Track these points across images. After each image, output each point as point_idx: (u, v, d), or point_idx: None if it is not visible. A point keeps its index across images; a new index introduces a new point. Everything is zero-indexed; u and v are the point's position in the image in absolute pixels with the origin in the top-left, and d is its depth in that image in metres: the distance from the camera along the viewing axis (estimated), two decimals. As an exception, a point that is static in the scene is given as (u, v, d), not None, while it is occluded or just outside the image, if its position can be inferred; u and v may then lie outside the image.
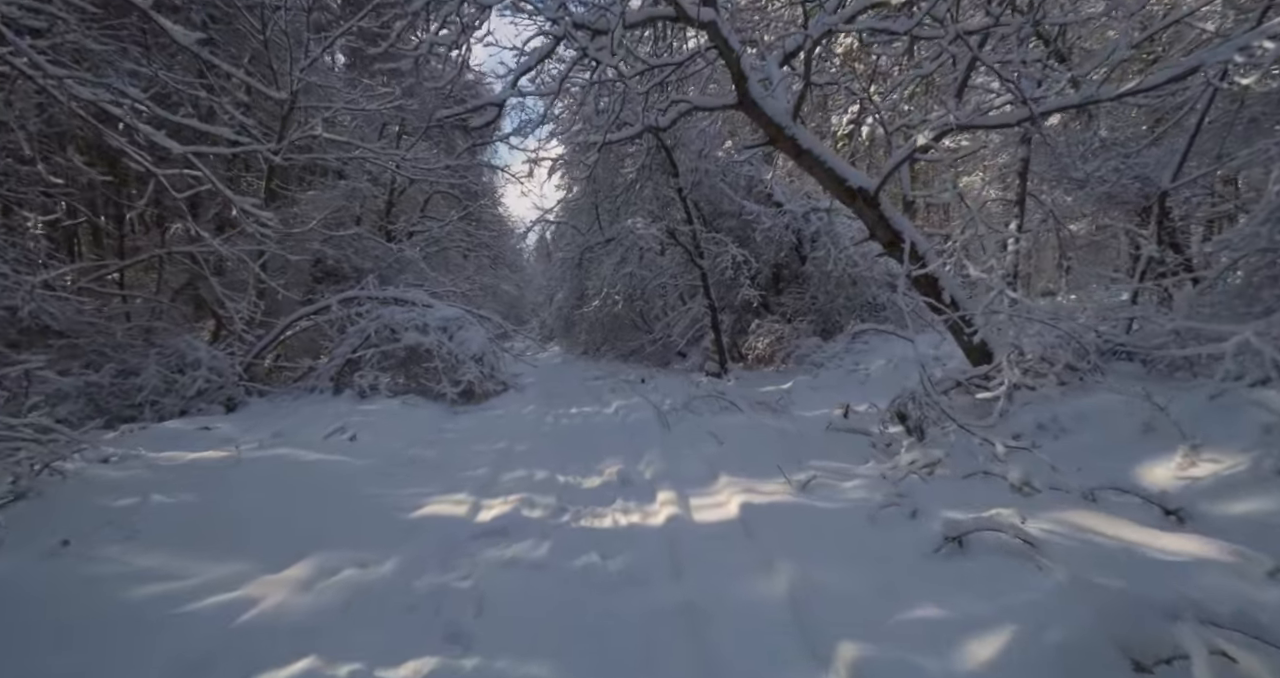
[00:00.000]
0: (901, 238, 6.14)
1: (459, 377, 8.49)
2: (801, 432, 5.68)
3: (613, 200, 10.65)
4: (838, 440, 5.36)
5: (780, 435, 5.51)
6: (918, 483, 3.39)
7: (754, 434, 5.53)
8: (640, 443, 5.56)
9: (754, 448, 4.87)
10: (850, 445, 5.06)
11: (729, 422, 6.16)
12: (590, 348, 15.76)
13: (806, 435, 5.47)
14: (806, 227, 11.10)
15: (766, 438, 5.34)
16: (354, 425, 6.11)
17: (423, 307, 9.01)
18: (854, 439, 5.43)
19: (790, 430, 5.80)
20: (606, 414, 7.41)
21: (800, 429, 5.92)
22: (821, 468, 4.03)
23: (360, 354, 8.11)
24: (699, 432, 5.67)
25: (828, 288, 10.85)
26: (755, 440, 5.19)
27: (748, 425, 5.95)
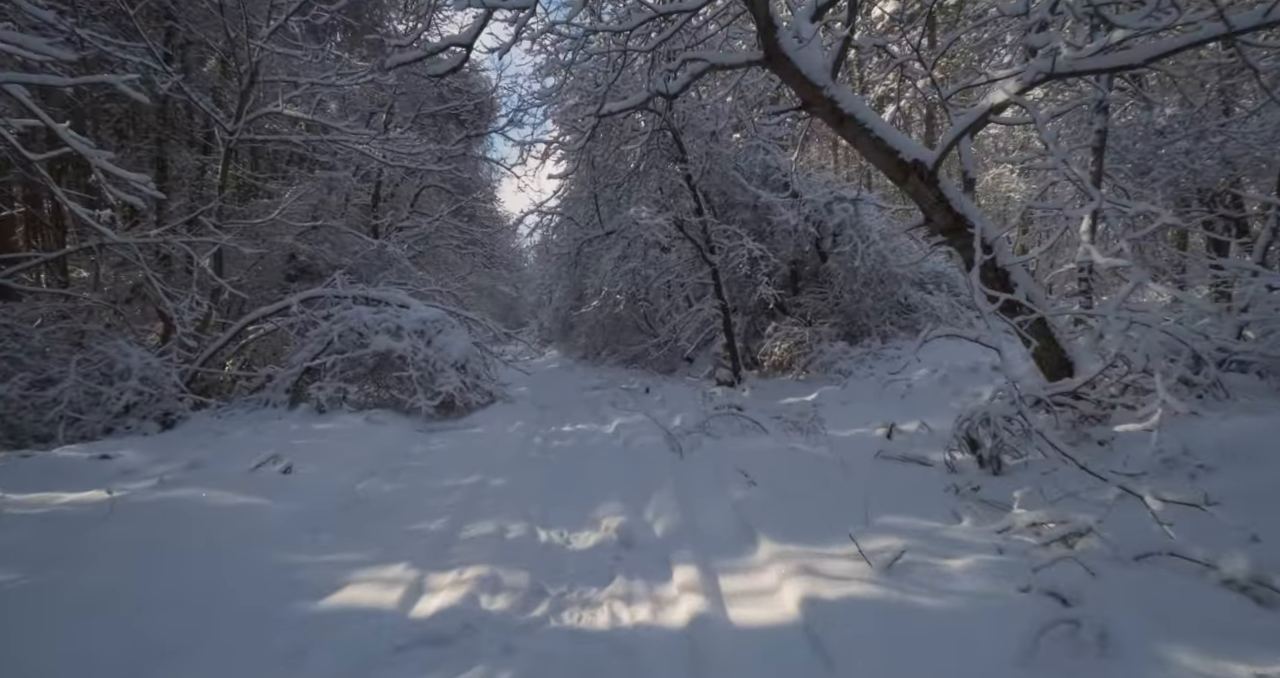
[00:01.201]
0: (966, 222, 5.04)
1: (437, 387, 7.39)
2: (845, 460, 4.56)
3: (613, 189, 9.56)
4: (897, 475, 4.24)
5: (821, 467, 4.39)
6: (1064, 564, 2.27)
7: (789, 466, 4.41)
8: (647, 477, 4.44)
9: (796, 489, 3.75)
10: (918, 484, 3.94)
11: (754, 447, 5.04)
12: (590, 352, 14.64)
13: (853, 466, 4.35)
14: (829, 219, 9.98)
15: (806, 472, 4.22)
16: (298, 451, 5.00)
17: (397, 307, 7.91)
18: (917, 473, 4.31)
19: (831, 459, 4.68)
20: (605, 434, 6.29)
21: (842, 457, 4.80)
22: (901, 528, 2.91)
23: (321, 362, 7.02)
24: (719, 462, 4.55)
25: (853, 287, 9.72)
26: (793, 476, 4.07)
27: (778, 453, 4.83)
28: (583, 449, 5.66)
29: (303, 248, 10.88)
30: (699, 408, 7.13)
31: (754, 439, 5.43)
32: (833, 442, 5.49)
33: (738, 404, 7.35)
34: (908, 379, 7.21)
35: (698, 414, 6.58)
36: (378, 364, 7.50)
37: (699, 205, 9.41)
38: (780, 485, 3.81)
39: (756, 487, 3.75)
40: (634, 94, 5.82)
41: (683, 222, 9.20)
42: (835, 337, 10.05)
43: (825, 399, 7.97)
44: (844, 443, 5.56)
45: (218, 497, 3.71)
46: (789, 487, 3.79)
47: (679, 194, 9.70)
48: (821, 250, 10.93)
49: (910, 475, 4.22)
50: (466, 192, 16.12)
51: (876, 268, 9.46)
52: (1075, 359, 5.10)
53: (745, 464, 4.38)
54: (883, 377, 8.10)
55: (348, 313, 7.34)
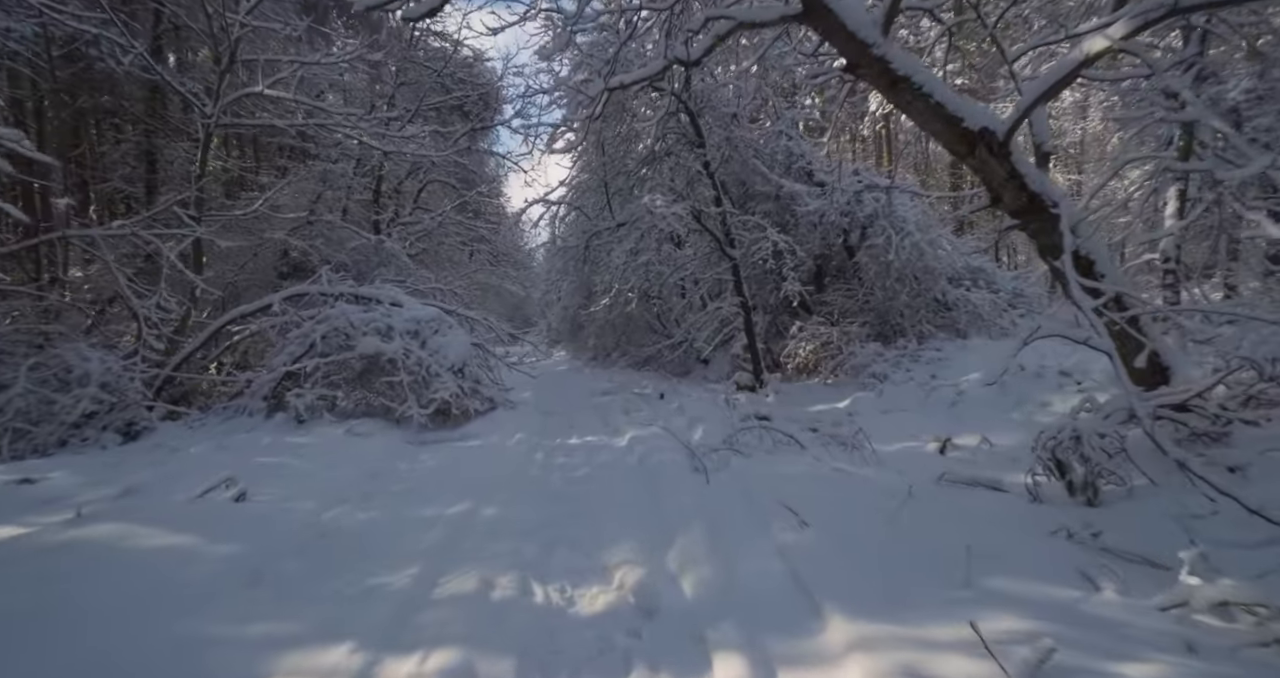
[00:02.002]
0: (1044, 202, 4.26)
1: (431, 393, 6.67)
2: (903, 486, 3.79)
3: (625, 178, 8.82)
4: (976, 508, 3.47)
5: (878, 495, 3.63)
6: None
7: (839, 495, 3.64)
8: (668, 507, 3.69)
9: (856, 530, 2.99)
10: (1008, 521, 3.16)
11: (792, 468, 4.28)
12: (600, 353, 13.91)
13: (918, 495, 3.58)
14: (859, 209, 9.18)
15: (862, 503, 3.46)
16: (261, 471, 4.31)
17: (389, 306, 7.22)
18: (998, 506, 3.53)
19: (888, 484, 3.91)
20: (617, 449, 5.54)
21: (898, 480, 4.03)
22: (1020, 597, 2.15)
23: (302, 366, 6.33)
24: (753, 488, 3.80)
25: (886, 283, 8.92)
26: (848, 510, 3.31)
27: (822, 477, 4.06)
28: (591, 467, 4.92)
29: (295, 244, 10.23)
30: (722, 417, 6.38)
31: (790, 458, 4.66)
32: (883, 460, 4.72)
33: (764, 413, 6.60)
34: (956, 385, 6.40)
35: (721, 425, 5.82)
36: (365, 368, 6.80)
37: (718, 194, 8.64)
38: (835, 524, 3.04)
39: (808, 527, 2.98)
40: (650, 62, 5.06)
41: (700, 212, 8.44)
42: (866, 337, 9.25)
43: (860, 407, 7.19)
44: (892, 460, 4.79)
45: (142, 536, 3.01)
46: (847, 526, 3.03)
47: (695, 183, 8.95)
48: (848, 244, 10.14)
49: (992, 508, 3.44)
50: (471, 186, 15.46)
51: (912, 262, 8.65)
52: (1171, 364, 4.30)
53: (785, 492, 3.61)
54: (924, 382, 7.31)
55: (331, 312, 6.65)
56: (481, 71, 17.03)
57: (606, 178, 8.68)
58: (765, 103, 9.12)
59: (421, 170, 14.96)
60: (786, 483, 3.87)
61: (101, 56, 7.97)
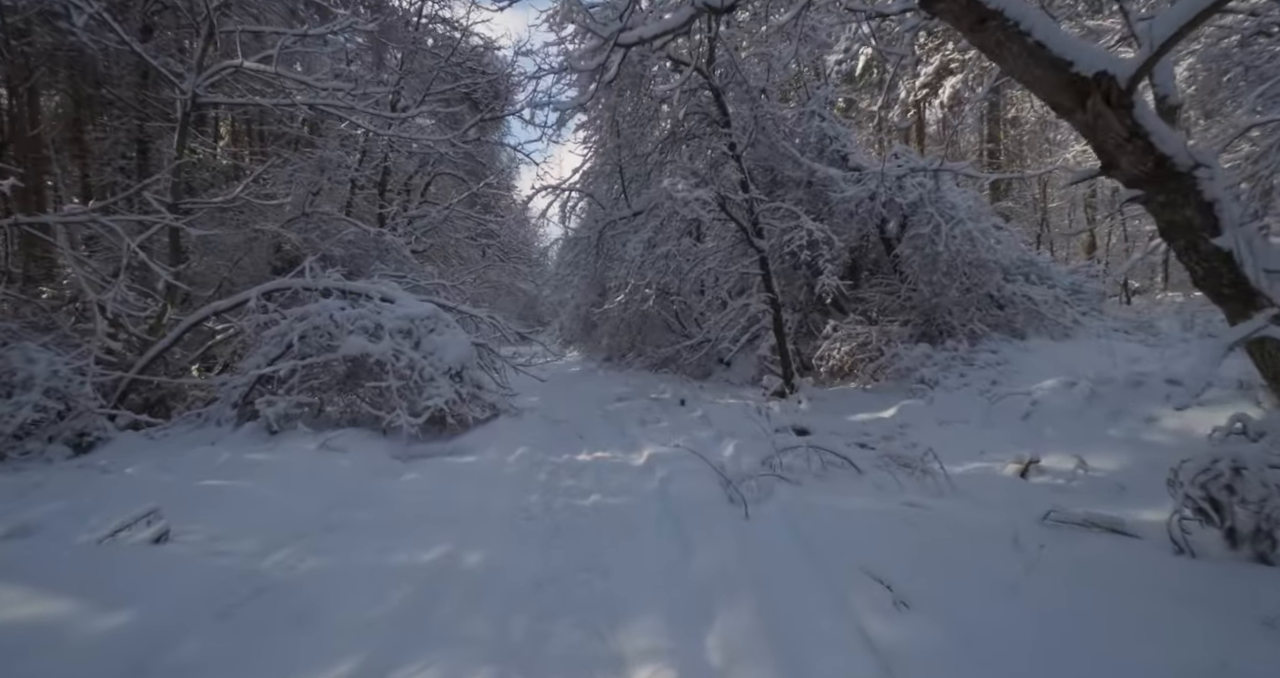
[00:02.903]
0: (1176, 166, 3.36)
1: (424, 400, 5.91)
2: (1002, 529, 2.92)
3: (641, 162, 8.01)
4: (1109, 565, 2.60)
5: (979, 546, 2.77)
6: None
7: (929, 546, 2.79)
8: (703, 564, 2.85)
9: (972, 612, 2.14)
10: (1174, 593, 2.29)
11: (855, 503, 3.42)
12: (614, 354, 13.10)
13: (1025, 545, 2.72)
14: (901, 196, 8.27)
15: (963, 561, 2.60)
16: (201, 499, 3.57)
17: (379, 301, 6.46)
18: (1144, 562, 2.66)
19: (980, 526, 3.05)
20: (634, 469, 4.72)
21: (991, 520, 3.16)
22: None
23: (276, 369, 5.58)
24: (812, 531, 2.96)
25: (932, 277, 7.99)
26: (952, 574, 2.46)
27: (896, 516, 3.21)
28: (603, 494, 4.09)
29: (289, 236, 9.55)
30: (754, 429, 5.53)
31: (846, 485, 3.81)
32: (957, 487, 3.85)
33: (802, 424, 5.75)
34: (1028, 393, 5.49)
35: (755, 440, 4.98)
36: (350, 372, 6.05)
37: (745, 180, 7.78)
38: (939, 600, 2.19)
39: (908, 609, 2.13)
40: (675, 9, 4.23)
41: (725, 199, 7.59)
42: (909, 337, 8.34)
43: (911, 417, 6.31)
44: (967, 486, 3.91)
45: (3, 603, 2.26)
46: (956, 603, 2.18)
47: (720, 166, 8.10)
48: (886, 236, 9.23)
49: (1134, 568, 2.57)
50: (479, 177, 14.75)
51: (963, 253, 7.72)
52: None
53: (852, 538, 2.77)
54: (984, 388, 6.40)
55: (311, 308, 5.90)
56: (492, 61, 16.36)
57: (621, 162, 7.87)
58: (799, 75, 8.24)
59: (430, 163, 14.35)
60: (851, 524, 3.03)
61: (71, 28, 7.31)
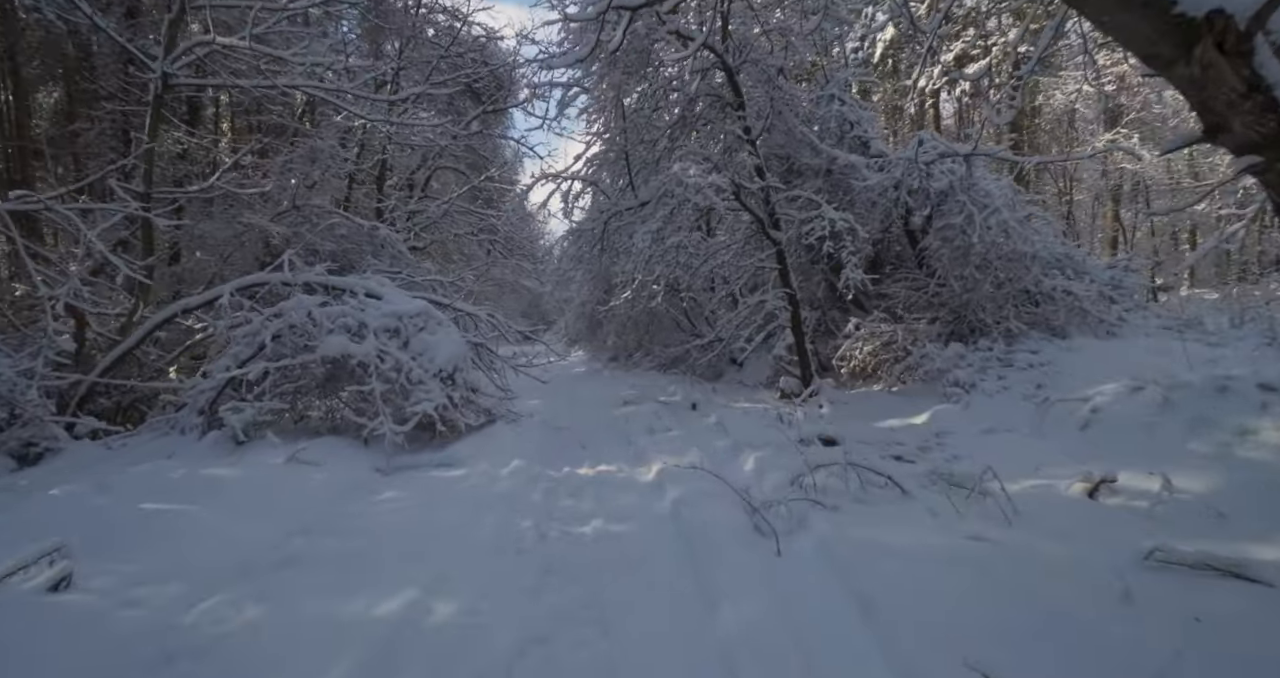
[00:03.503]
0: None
1: (411, 406, 5.37)
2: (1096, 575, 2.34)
3: (649, 149, 7.44)
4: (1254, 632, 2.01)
5: (1073, 598, 2.19)
6: None
7: (1012, 602, 2.21)
8: (730, 623, 2.27)
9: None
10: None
11: (908, 538, 2.84)
12: (620, 354, 12.55)
13: (1137, 600, 2.14)
14: (929, 183, 7.66)
15: (1066, 629, 2.02)
16: (134, 528, 3.04)
17: (363, 297, 5.93)
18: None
19: (1067, 567, 2.47)
20: (642, 487, 4.16)
21: (1077, 558, 2.59)
22: None
23: (246, 372, 5.05)
24: (862, 579, 2.39)
25: (964, 271, 7.37)
26: (1058, 646, 1.88)
27: (963, 557, 2.63)
28: (605, 519, 3.53)
29: (277, 230, 9.04)
30: (776, 439, 4.96)
31: (893, 511, 3.23)
32: (1022, 513, 3.26)
33: (828, 433, 5.17)
34: (1085, 399, 4.88)
35: (779, 452, 4.40)
36: (330, 375, 5.52)
37: (760, 168, 7.20)
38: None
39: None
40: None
41: (740, 188, 7.02)
42: (937, 336, 7.74)
43: (947, 423, 5.72)
44: (1030, 511, 3.32)
45: None
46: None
47: (733, 153, 7.52)
48: (910, 228, 8.63)
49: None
50: (479, 170, 14.22)
51: (998, 245, 7.11)
52: None
53: (917, 590, 2.20)
54: (1028, 393, 5.80)
55: (286, 305, 5.36)
56: (495, 53, 15.85)
57: (627, 148, 7.31)
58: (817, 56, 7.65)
59: (430, 157, 13.90)
60: (911, 568, 2.45)
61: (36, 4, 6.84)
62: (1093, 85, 10.60)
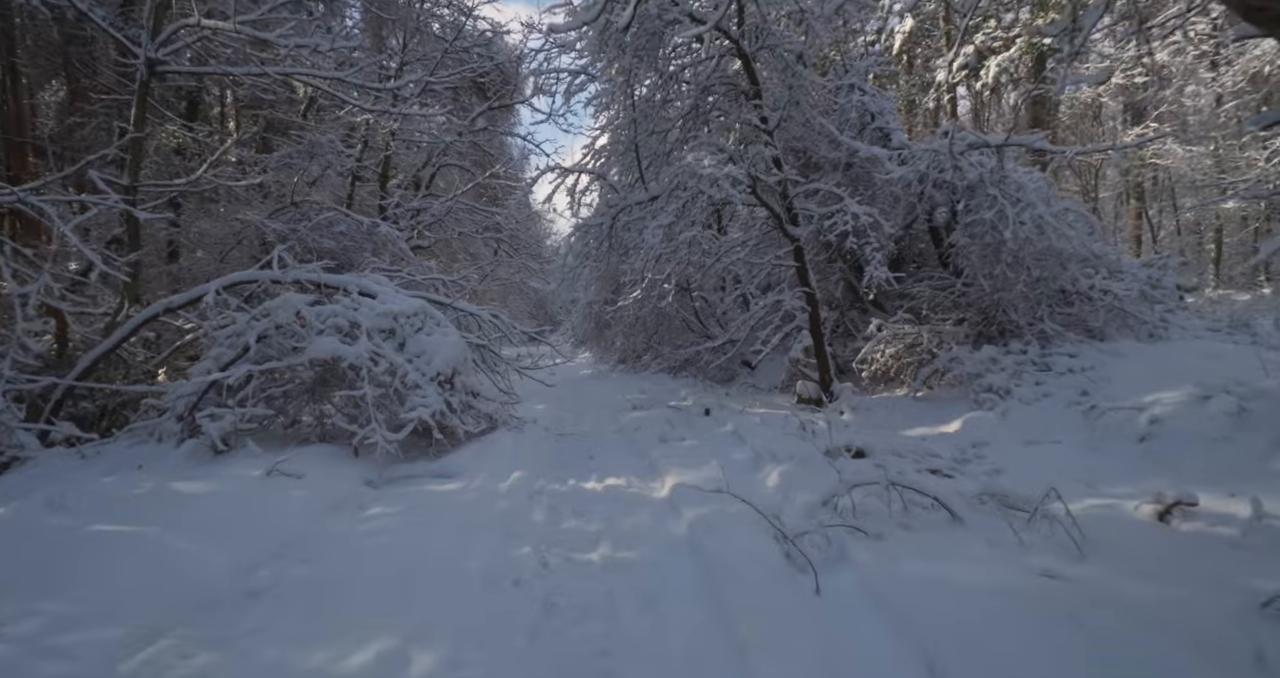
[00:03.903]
0: None
1: (407, 412, 5.00)
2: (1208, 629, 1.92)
3: (660, 140, 7.06)
4: None
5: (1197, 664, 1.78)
6: None
7: (1108, 658, 1.80)
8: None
9: None
10: None
11: (969, 575, 2.43)
12: (629, 356, 12.17)
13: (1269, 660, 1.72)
14: (956, 178, 7.23)
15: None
16: (79, 554, 2.68)
17: (356, 296, 5.58)
18: None
19: (1171, 617, 2.06)
20: (655, 505, 3.76)
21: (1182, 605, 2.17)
22: None
23: (228, 376, 4.69)
24: (923, 631, 1.99)
25: (994, 269, 6.93)
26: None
27: (1032, 598, 2.22)
28: (614, 544, 3.14)
29: (274, 226, 8.73)
30: (798, 449, 4.56)
31: (944, 540, 2.82)
32: (1087, 539, 2.84)
33: (856, 443, 4.77)
34: (1141, 408, 4.45)
35: (805, 467, 4.00)
36: (319, 378, 5.17)
37: (778, 159, 6.80)
38: None
39: None
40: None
41: (756, 181, 6.61)
42: (964, 338, 7.30)
43: (983, 433, 5.30)
44: (1103, 538, 2.90)
45: None
46: None
47: (748, 144, 7.13)
48: (933, 224, 8.21)
49: None
50: (484, 167, 13.90)
51: (1031, 241, 6.67)
52: None
53: (991, 647, 1.79)
54: (1071, 400, 5.37)
55: (272, 304, 5.01)
56: (501, 49, 15.57)
57: (637, 139, 6.92)
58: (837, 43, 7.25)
59: (435, 154, 13.64)
60: (980, 616, 2.05)
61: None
62: (1145, 65, 10.05)
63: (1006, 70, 13.14)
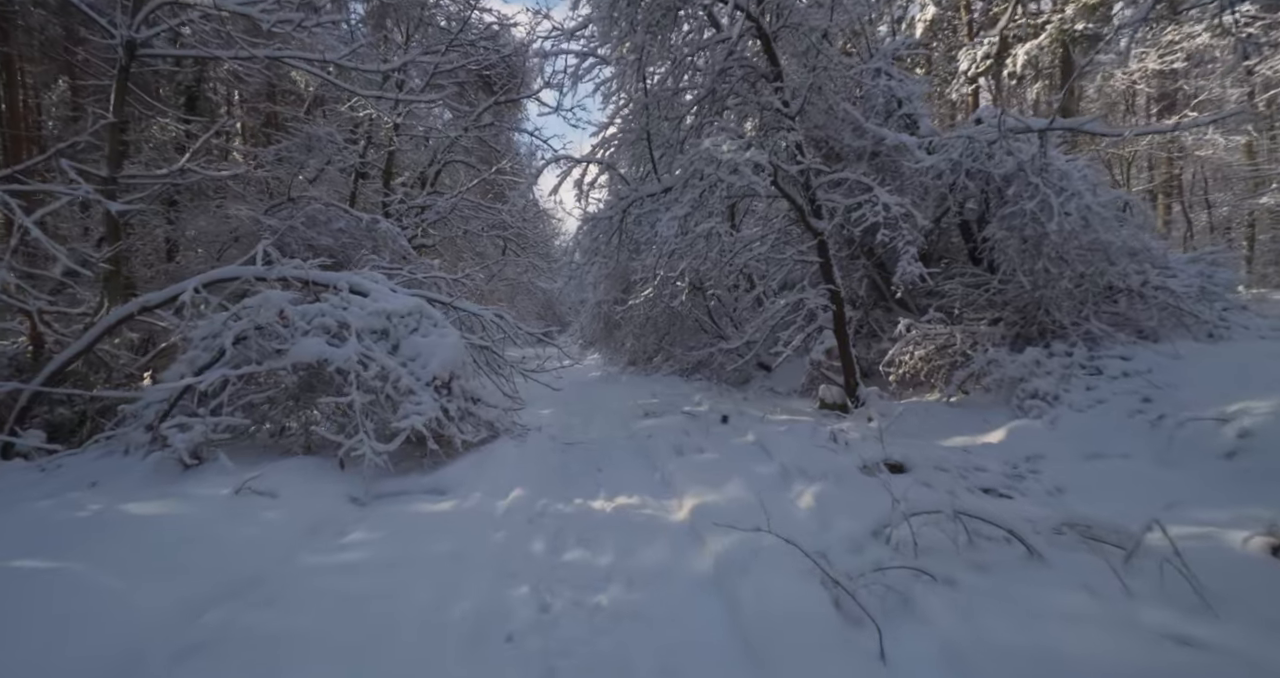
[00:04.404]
0: None
1: (399, 421, 4.56)
2: None
3: (674, 128, 6.59)
4: None
5: None
6: None
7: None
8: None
9: None
10: None
11: (1069, 636, 1.93)
12: (639, 357, 11.70)
13: None
14: (992, 166, 6.70)
15: None
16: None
17: (347, 294, 5.15)
18: None
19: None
20: (672, 533, 3.28)
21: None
22: None
23: (201, 380, 4.26)
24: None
25: (1034, 265, 6.40)
26: None
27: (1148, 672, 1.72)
28: (627, 584, 2.66)
29: (269, 223, 8.34)
30: (833, 464, 4.07)
31: (1031, 588, 2.32)
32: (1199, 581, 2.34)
33: (896, 459, 4.28)
34: (1226, 418, 3.93)
35: (842, 485, 3.52)
36: (304, 384, 4.74)
37: (800, 143, 6.31)
38: None
39: None
40: None
41: (777, 170, 6.12)
42: (1001, 338, 6.78)
43: (1031, 443, 4.79)
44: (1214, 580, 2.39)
45: None
46: None
47: (769, 132, 6.63)
48: (964, 218, 7.70)
49: None
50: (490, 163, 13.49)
51: (1076, 234, 6.13)
52: None
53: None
54: (1132, 408, 4.83)
55: (252, 301, 4.58)
56: (508, 42, 15.19)
57: (649, 126, 6.45)
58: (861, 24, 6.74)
59: (440, 150, 13.28)
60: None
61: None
62: (1183, 50, 9.45)
63: (1035, 60, 12.57)
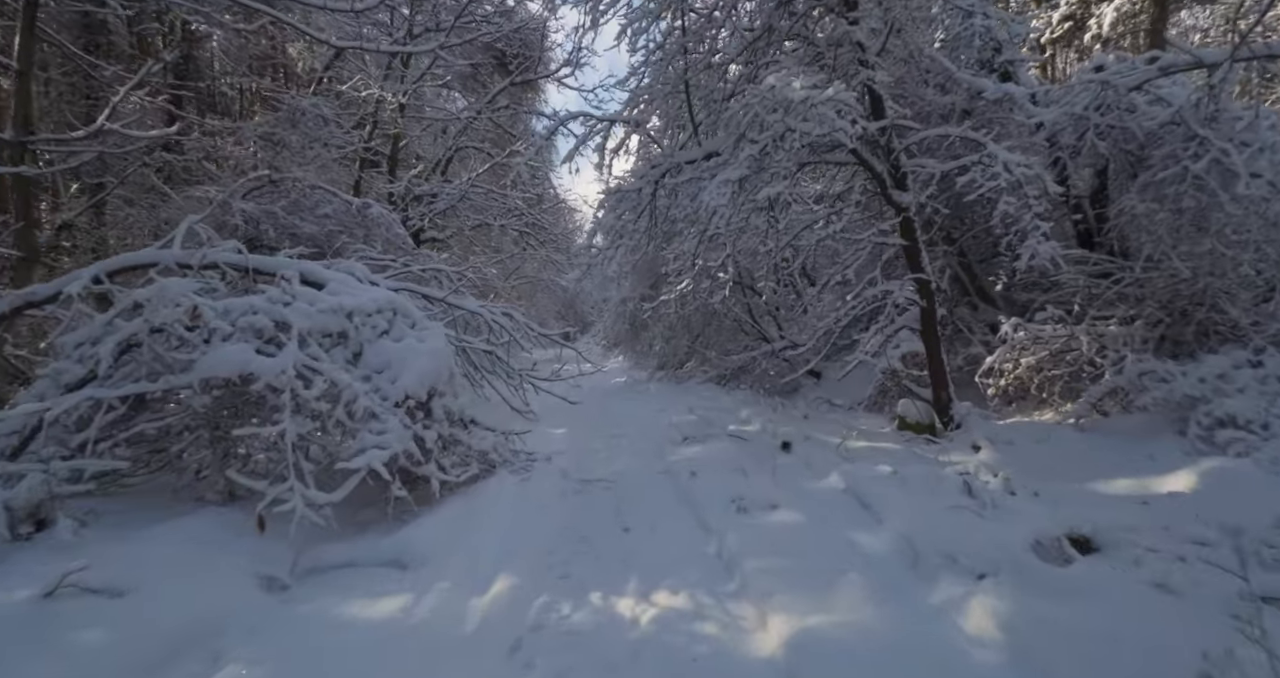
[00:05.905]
0: None
1: (351, 459, 3.25)
2: None
3: (719, 76, 5.15)
4: None
5: None
6: None
7: None
8: None
9: None
10: None
11: None
12: (669, 362, 10.31)
13: None
14: (1132, 120, 5.16)
15: None
16: None
17: (297, 285, 3.86)
18: None
19: None
20: None
21: None
22: None
23: (48, 408, 3.00)
24: None
25: (1196, 246, 4.86)
26: None
27: None
28: None
29: (242, 207, 7.17)
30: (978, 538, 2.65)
31: None
32: None
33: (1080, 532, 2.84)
34: None
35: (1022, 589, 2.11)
36: (224, 406, 3.45)
37: (875, 95, 4.87)
38: None
39: None
40: None
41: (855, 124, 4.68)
42: (1143, 342, 5.24)
43: (1246, 495, 3.28)
44: None
45: None
46: None
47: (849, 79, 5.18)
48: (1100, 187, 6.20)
49: None
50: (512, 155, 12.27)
51: (1268, 202, 4.57)
52: None
53: None
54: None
55: (144, 292, 3.30)
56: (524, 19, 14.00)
57: (688, 75, 5.06)
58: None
59: (451, 134, 12.21)
60: None
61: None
62: None
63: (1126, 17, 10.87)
